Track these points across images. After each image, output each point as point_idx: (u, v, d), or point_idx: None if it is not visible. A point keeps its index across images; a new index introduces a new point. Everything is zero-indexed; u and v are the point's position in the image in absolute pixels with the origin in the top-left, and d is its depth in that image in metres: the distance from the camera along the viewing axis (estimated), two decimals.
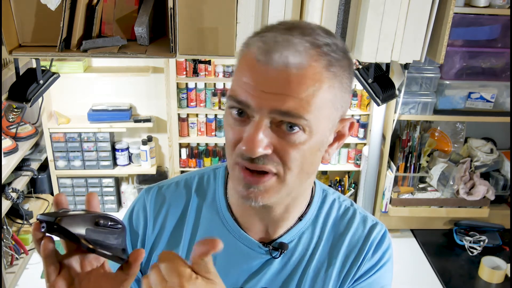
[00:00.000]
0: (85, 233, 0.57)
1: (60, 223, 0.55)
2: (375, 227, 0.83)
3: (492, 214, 2.35)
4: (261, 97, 0.61)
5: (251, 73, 0.62)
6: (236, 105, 0.64)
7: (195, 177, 0.86)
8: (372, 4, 1.46)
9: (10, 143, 2.10)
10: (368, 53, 1.53)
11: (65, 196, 0.61)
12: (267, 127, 0.63)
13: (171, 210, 0.83)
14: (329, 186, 2.54)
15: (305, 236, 0.81)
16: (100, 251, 0.58)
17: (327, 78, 0.63)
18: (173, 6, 1.42)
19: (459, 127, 2.40)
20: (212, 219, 0.81)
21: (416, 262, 2.22)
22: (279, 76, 0.60)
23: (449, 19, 1.50)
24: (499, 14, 1.96)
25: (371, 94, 1.67)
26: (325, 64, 0.62)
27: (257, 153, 0.62)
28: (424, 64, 2.12)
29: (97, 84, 2.37)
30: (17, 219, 2.18)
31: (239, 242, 0.79)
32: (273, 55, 0.60)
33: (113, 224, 0.61)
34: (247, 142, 0.62)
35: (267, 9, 1.49)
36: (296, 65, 0.60)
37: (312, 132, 0.64)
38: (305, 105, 0.61)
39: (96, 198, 0.63)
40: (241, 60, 0.66)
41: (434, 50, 1.58)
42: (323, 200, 0.84)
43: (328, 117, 0.66)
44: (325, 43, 0.63)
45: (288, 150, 0.64)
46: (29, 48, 1.52)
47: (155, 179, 2.48)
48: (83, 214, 0.59)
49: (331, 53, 0.63)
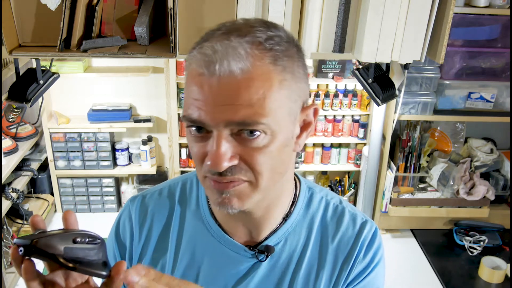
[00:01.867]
0: (63, 252, 0.56)
1: (36, 245, 0.55)
2: (365, 226, 0.81)
3: (492, 214, 2.35)
4: (214, 111, 0.60)
5: (197, 89, 0.61)
6: (191, 124, 0.63)
7: (179, 183, 0.86)
8: (372, 4, 1.46)
9: (10, 143, 2.10)
10: (368, 53, 1.53)
11: (41, 217, 0.60)
12: (228, 138, 0.61)
13: (155, 219, 0.83)
14: (329, 186, 2.51)
15: (291, 237, 0.79)
16: (81, 268, 0.57)
17: (276, 74, 0.61)
18: (173, 6, 1.42)
19: (459, 127, 2.40)
20: (197, 226, 0.80)
21: (416, 262, 2.22)
22: (225, 86, 0.59)
23: (449, 19, 1.50)
24: (499, 14, 1.96)
25: (371, 94, 1.67)
26: (270, 60, 0.60)
27: (223, 167, 0.61)
28: (424, 64, 2.12)
29: (97, 84, 2.37)
30: (17, 219, 2.17)
31: (225, 247, 0.78)
32: (214, 65, 0.58)
33: (91, 240, 0.60)
34: (212, 158, 0.61)
35: (267, 9, 1.49)
36: (240, 70, 0.58)
37: (274, 132, 0.62)
38: (259, 109, 0.60)
39: (73, 215, 0.62)
40: (187, 77, 0.64)
41: (434, 50, 1.58)
42: (310, 198, 0.82)
43: (288, 112, 0.64)
44: (266, 37, 0.61)
45: (254, 156, 0.62)
46: (29, 48, 1.52)
47: (155, 179, 2.48)
48: (60, 233, 0.58)
49: (274, 47, 0.61)
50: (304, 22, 1.50)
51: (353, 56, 1.61)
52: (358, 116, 2.41)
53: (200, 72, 0.60)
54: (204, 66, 0.59)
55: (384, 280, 0.84)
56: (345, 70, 2.34)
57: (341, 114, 2.40)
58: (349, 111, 2.38)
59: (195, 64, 0.61)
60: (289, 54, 0.63)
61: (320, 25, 1.53)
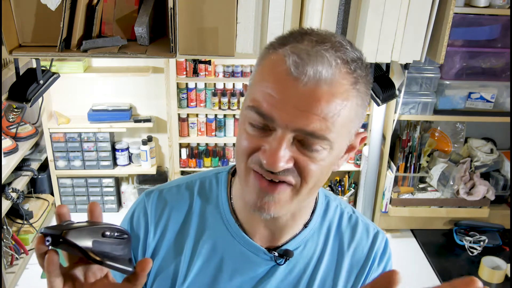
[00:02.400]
0: (92, 246, 0.56)
1: (66, 237, 0.54)
2: (378, 236, 0.84)
3: (492, 214, 2.35)
4: (288, 113, 0.60)
5: (279, 86, 0.60)
6: (257, 118, 0.62)
7: (197, 181, 0.84)
8: (372, 4, 1.46)
9: (10, 143, 2.10)
10: (368, 53, 1.53)
11: (67, 208, 0.60)
12: (290, 142, 0.62)
13: (173, 215, 0.81)
14: (329, 186, 2.51)
15: (310, 243, 0.80)
16: (108, 263, 0.57)
17: (352, 96, 0.62)
18: (173, 6, 1.42)
19: (459, 127, 2.40)
20: (216, 224, 0.79)
21: (416, 262, 2.22)
22: (309, 93, 0.59)
23: (449, 19, 1.50)
24: (499, 14, 1.96)
25: (371, 94, 1.67)
26: (352, 81, 0.62)
27: (279, 168, 0.61)
28: (424, 64, 2.12)
29: (97, 84, 2.37)
30: (17, 219, 2.17)
31: (244, 248, 0.78)
32: (307, 68, 0.58)
33: (119, 234, 0.60)
34: (270, 156, 0.61)
35: (267, 9, 1.49)
36: (328, 80, 0.59)
37: (333, 149, 0.64)
38: (330, 126, 0.61)
39: (98, 207, 0.61)
40: (267, 67, 0.63)
41: (434, 50, 1.58)
42: (326, 206, 0.83)
43: (348, 133, 0.66)
44: (353, 58, 0.62)
45: (309, 165, 0.63)
46: (29, 48, 1.52)
47: (155, 179, 2.48)
48: (88, 226, 0.57)
49: (357, 70, 0.62)
50: (304, 22, 1.50)
51: None
52: None
53: (289, 70, 0.59)
54: (296, 65, 0.59)
55: None
56: None
57: None
58: None
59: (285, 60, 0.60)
60: (365, 81, 0.65)
61: (320, 25, 1.53)
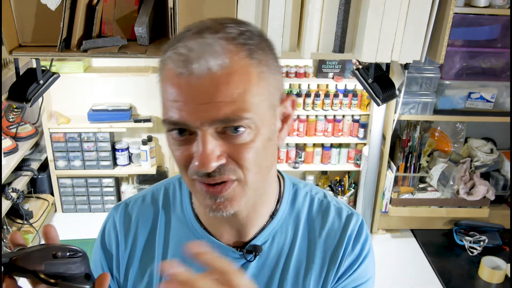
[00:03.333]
0: (44, 268, 0.55)
1: (16, 263, 0.54)
2: (351, 218, 0.81)
3: (492, 214, 2.35)
4: (196, 110, 0.59)
5: (176, 90, 0.60)
6: (174, 127, 0.62)
7: (161, 188, 0.85)
8: (372, 4, 1.46)
9: (10, 143, 2.10)
10: (368, 53, 1.53)
11: (20, 234, 0.59)
12: (213, 137, 0.61)
13: (140, 226, 0.82)
14: (329, 186, 2.51)
15: (278, 235, 0.78)
16: (63, 283, 0.56)
17: (253, 68, 0.60)
18: (173, 6, 1.42)
19: (459, 127, 2.40)
20: (182, 231, 0.80)
21: (416, 262, 2.22)
22: (205, 84, 0.58)
23: (449, 19, 1.51)
24: (499, 14, 1.96)
25: (371, 94, 1.67)
26: (246, 54, 0.60)
27: (211, 167, 0.60)
28: (424, 64, 2.12)
29: (97, 84, 2.37)
30: (17, 219, 2.17)
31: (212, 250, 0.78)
32: (192, 63, 0.58)
33: (72, 253, 0.59)
34: (199, 159, 0.60)
35: (267, 9, 1.49)
36: (219, 66, 0.58)
37: (258, 126, 0.62)
38: (241, 105, 0.59)
39: (52, 229, 0.60)
40: (162, 80, 0.63)
41: (434, 50, 1.58)
42: (295, 195, 0.82)
43: (269, 105, 0.64)
44: (239, 32, 0.61)
45: (241, 152, 0.62)
46: (29, 48, 1.52)
47: (155, 179, 2.48)
48: (39, 249, 0.57)
49: (248, 41, 0.61)
50: (304, 22, 1.50)
51: (353, 56, 1.61)
52: (358, 116, 2.40)
53: (177, 72, 0.59)
54: (182, 65, 0.58)
55: (375, 272, 0.84)
56: (345, 70, 2.34)
57: (341, 114, 2.40)
58: (349, 111, 2.38)
59: (171, 65, 0.60)
60: (262, 47, 0.63)
61: (320, 25, 1.53)
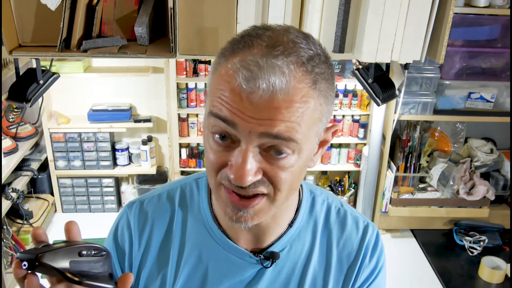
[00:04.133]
0: (69, 266, 0.55)
1: (41, 260, 0.54)
2: (368, 229, 0.81)
3: (492, 214, 2.35)
4: (249, 121, 0.58)
5: (235, 98, 0.59)
6: (220, 123, 0.60)
7: (177, 188, 0.84)
8: (372, 4, 1.46)
9: (10, 143, 2.10)
10: (368, 53, 1.53)
11: (43, 230, 0.59)
12: (255, 153, 0.60)
13: (156, 225, 0.81)
14: (329, 186, 2.51)
15: (296, 243, 0.78)
16: (87, 282, 0.56)
17: (313, 97, 0.61)
18: (173, 6, 1.42)
19: (459, 127, 2.40)
20: (199, 232, 0.79)
21: (416, 262, 2.22)
22: (266, 105, 0.57)
23: (449, 19, 1.51)
24: (499, 14, 1.96)
25: (371, 94, 1.67)
26: (310, 83, 0.60)
27: (247, 182, 0.60)
28: (424, 64, 2.12)
29: (97, 84, 2.37)
30: (17, 219, 2.17)
31: (229, 253, 0.77)
32: (258, 81, 0.57)
33: (97, 252, 0.59)
34: (236, 171, 0.59)
35: (267, 9, 1.49)
36: (283, 90, 0.57)
37: (301, 152, 0.62)
38: (296, 127, 0.59)
39: (75, 226, 0.60)
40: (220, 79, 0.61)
41: (434, 50, 1.58)
42: (312, 203, 0.82)
43: (316, 133, 0.64)
44: (309, 57, 0.61)
45: (279, 174, 0.62)
46: (29, 48, 1.52)
47: (155, 179, 2.48)
48: (64, 246, 0.57)
49: (315, 69, 0.61)
50: (304, 22, 1.50)
51: (353, 56, 1.61)
52: (358, 116, 2.40)
53: (241, 84, 0.58)
54: (246, 80, 0.57)
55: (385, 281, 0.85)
56: (345, 70, 2.34)
57: (341, 114, 2.40)
58: (349, 111, 2.38)
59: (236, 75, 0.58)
60: (326, 77, 0.63)
61: (320, 25, 1.53)
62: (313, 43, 0.63)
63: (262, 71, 0.57)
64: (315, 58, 0.61)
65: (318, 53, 0.63)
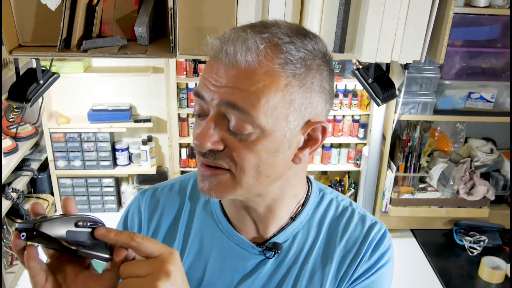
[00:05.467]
0: (66, 235, 0.56)
1: (39, 229, 0.55)
2: (374, 227, 0.81)
3: (492, 214, 2.35)
4: (212, 88, 0.62)
5: (207, 68, 0.65)
6: (197, 100, 0.65)
7: (190, 180, 0.86)
8: (372, 4, 1.46)
9: (10, 143, 2.10)
10: (368, 53, 1.53)
11: (41, 203, 0.61)
12: (219, 123, 0.63)
13: (165, 214, 0.84)
14: (330, 186, 2.54)
15: (299, 235, 0.79)
16: (83, 251, 0.57)
17: (282, 77, 0.61)
18: (173, 6, 1.42)
19: (459, 127, 2.40)
20: (206, 221, 0.81)
21: (416, 262, 2.22)
22: (229, 71, 0.61)
23: (449, 19, 1.51)
24: (499, 14, 1.96)
25: (371, 94, 1.67)
26: (280, 62, 0.61)
27: (206, 147, 0.63)
28: (424, 64, 2.12)
29: (97, 84, 2.37)
30: (17, 219, 2.18)
31: (233, 242, 0.78)
32: (225, 47, 0.61)
33: (93, 223, 0.60)
34: (197, 137, 0.63)
35: (267, 9, 1.49)
36: (246, 60, 0.60)
37: (264, 131, 0.62)
38: (254, 99, 0.61)
39: (72, 201, 0.62)
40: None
41: (434, 50, 1.58)
42: (320, 200, 0.83)
43: (285, 116, 0.64)
44: (287, 41, 0.62)
45: (239, 149, 0.63)
46: (29, 48, 1.52)
47: (155, 179, 2.48)
48: (61, 217, 0.58)
49: (291, 51, 0.61)
50: (304, 22, 1.50)
51: (353, 56, 1.61)
52: (358, 116, 2.40)
53: (210, 53, 0.65)
54: (215, 49, 0.63)
55: (391, 285, 0.83)
56: (345, 70, 2.34)
57: (341, 114, 2.40)
58: (349, 111, 2.38)
59: (209, 46, 0.65)
60: (307, 64, 0.63)
61: (320, 25, 1.53)
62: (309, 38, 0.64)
63: (229, 40, 0.61)
64: (297, 44, 0.62)
65: (304, 43, 0.63)
